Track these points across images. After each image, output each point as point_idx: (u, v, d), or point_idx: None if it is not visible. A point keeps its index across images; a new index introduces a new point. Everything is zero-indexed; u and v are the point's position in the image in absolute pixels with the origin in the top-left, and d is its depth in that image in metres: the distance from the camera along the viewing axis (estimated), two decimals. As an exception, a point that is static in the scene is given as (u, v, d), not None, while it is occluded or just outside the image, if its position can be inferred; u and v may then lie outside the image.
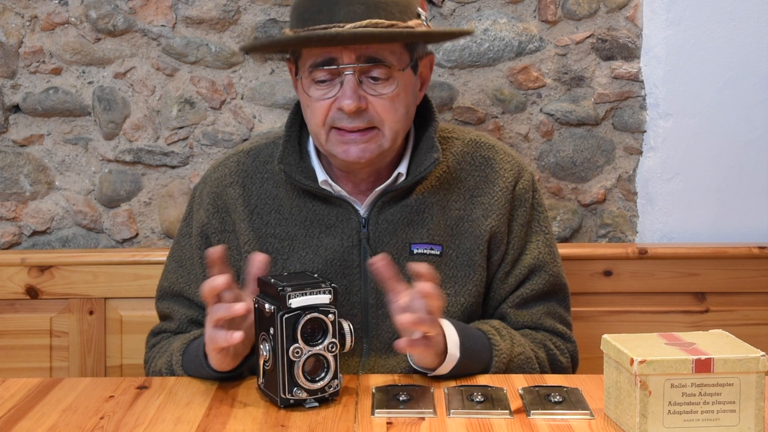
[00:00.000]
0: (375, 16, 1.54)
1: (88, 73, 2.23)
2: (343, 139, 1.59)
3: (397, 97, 1.59)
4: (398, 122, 1.61)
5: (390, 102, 1.59)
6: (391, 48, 1.58)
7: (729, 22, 2.20)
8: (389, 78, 1.58)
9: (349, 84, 1.56)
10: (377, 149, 1.61)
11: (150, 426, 1.37)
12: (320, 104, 1.59)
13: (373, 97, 1.58)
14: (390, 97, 1.59)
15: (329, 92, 1.58)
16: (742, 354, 1.27)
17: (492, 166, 1.73)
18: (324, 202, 1.68)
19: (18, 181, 2.26)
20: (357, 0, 1.54)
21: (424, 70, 1.69)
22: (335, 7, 1.54)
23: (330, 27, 1.53)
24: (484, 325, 1.64)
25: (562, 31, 2.24)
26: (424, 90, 1.71)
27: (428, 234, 1.68)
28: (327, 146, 1.62)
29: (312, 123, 1.62)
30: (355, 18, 1.53)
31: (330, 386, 1.42)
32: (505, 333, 1.63)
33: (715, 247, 2.19)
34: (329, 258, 1.66)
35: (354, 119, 1.57)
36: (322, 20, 1.54)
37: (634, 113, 2.27)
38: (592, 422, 1.36)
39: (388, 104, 1.59)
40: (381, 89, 1.58)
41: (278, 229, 1.69)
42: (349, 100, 1.55)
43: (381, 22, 1.54)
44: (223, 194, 1.72)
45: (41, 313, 2.17)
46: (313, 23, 1.55)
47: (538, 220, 1.75)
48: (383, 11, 1.55)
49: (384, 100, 1.58)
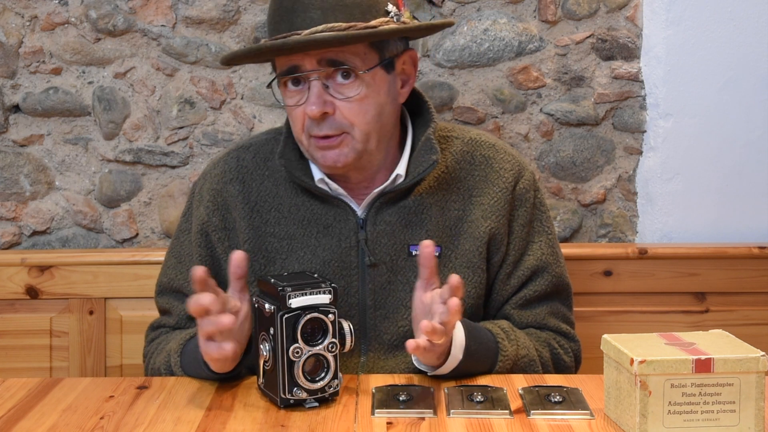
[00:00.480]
0: (332, 20, 1.54)
1: (88, 73, 2.23)
2: (318, 145, 1.60)
3: (366, 98, 1.58)
4: (368, 124, 1.59)
5: (358, 104, 1.58)
6: (353, 50, 1.57)
7: (729, 22, 2.20)
8: (356, 78, 1.57)
9: (314, 90, 1.56)
10: (351, 153, 1.60)
11: (150, 426, 1.37)
12: (296, 112, 1.60)
13: (340, 101, 1.57)
14: (357, 99, 1.57)
15: (301, 98, 1.59)
16: (742, 354, 1.27)
17: (492, 165, 1.72)
18: (322, 202, 1.68)
19: (18, 181, 2.26)
20: (313, 6, 1.54)
21: (405, 67, 1.66)
22: (293, 15, 1.55)
23: (290, 35, 1.54)
24: (493, 327, 1.63)
25: (562, 31, 2.24)
26: (408, 87, 1.68)
27: (427, 235, 1.67)
28: (309, 152, 1.64)
29: (294, 130, 1.64)
30: (312, 24, 1.54)
31: (330, 386, 1.42)
32: (513, 336, 1.62)
33: (715, 247, 2.19)
34: (327, 258, 1.66)
35: (321, 125, 1.57)
36: (283, 29, 1.56)
37: (634, 113, 2.27)
38: (592, 422, 1.36)
39: (356, 107, 1.58)
40: (347, 92, 1.57)
41: (277, 228, 1.69)
42: (313, 106, 1.55)
43: (338, 25, 1.53)
44: (223, 191, 1.72)
45: (41, 313, 2.17)
46: (277, 33, 1.57)
47: (540, 219, 1.74)
48: (341, 13, 1.54)
49: (351, 103, 1.57)
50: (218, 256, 1.71)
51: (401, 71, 1.66)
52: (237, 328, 1.44)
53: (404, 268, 1.66)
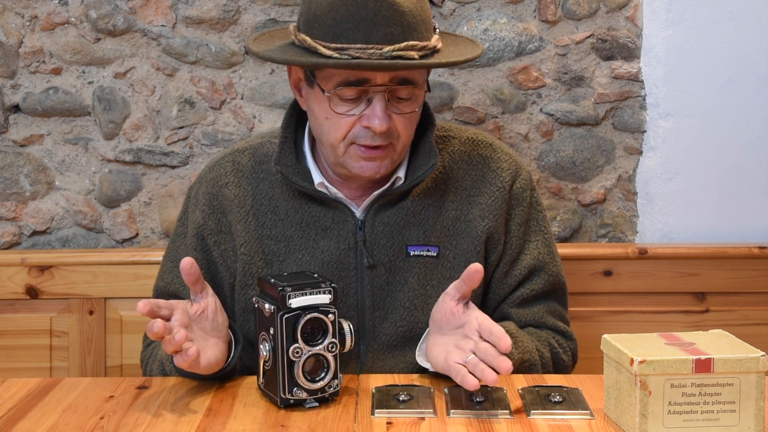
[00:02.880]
0: (410, 38, 1.53)
1: (88, 73, 2.23)
2: (363, 155, 1.59)
3: (415, 114, 1.61)
4: (410, 137, 1.63)
5: (409, 119, 1.60)
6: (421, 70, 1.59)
7: (729, 22, 2.20)
8: (414, 96, 1.59)
9: (380, 104, 1.55)
10: (390, 164, 1.62)
11: (150, 426, 1.37)
12: (344, 120, 1.57)
13: (396, 116, 1.58)
14: (411, 116, 1.60)
15: (354, 109, 1.57)
16: (742, 354, 1.27)
17: (489, 165, 1.73)
18: (320, 204, 1.67)
19: (18, 181, 2.26)
20: (394, 21, 1.51)
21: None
22: (372, 27, 1.50)
23: (367, 48, 1.50)
24: None
25: (562, 31, 2.24)
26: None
27: (425, 235, 1.67)
28: (343, 159, 1.61)
29: (330, 137, 1.60)
30: (392, 40, 1.51)
31: (330, 386, 1.43)
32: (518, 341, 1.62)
33: (715, 247, 2.19)
34: (326, 260, 1.66)
35: (376, 137, 1.57)
36: (358, 39, 1.51)
37: (634, 113, 2.27)
38: (592, 422, 1.36)
39: (407, 122, 1.60)
40: (405, 108, 1.58)
41: (274, 231, 1.68)
42: (381, 122, 1.54)
43: (415, 44, 1.53)
44: (219, 195, 1.72)
45: (41, 313, 2.17)
46: (347, 41, 1.51)
47: (537, 219, 1.75)
48: (416, 32, 1.54)
49: (405, 118, 1.59)
50: (214, 259, 1.71)
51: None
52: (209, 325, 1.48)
53: (402, 268, 1.66)
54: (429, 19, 1.59)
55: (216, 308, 1.49)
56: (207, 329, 1.48)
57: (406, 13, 1.52)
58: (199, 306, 1.47)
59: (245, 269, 1.68)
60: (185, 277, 1.45)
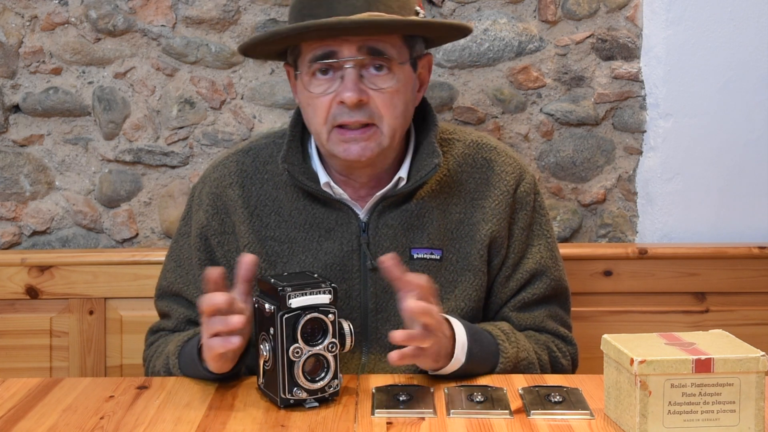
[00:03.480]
0: (374, 9, 1.54)
1: (88, 73, 2.23)
2: (344, 137, 1.59)
3: (397, 92, 1.59)
4: (396, 119, 1.60)
5: (390, 97, 1.58)
6: (392, 41, 1.58)
7: (729, 22, 2.20)
8: (390, 71, 1.58)
9: (350, 77, 1.55)
10: (377, 147, 1.60)
11: (150, 426, 1.37)
12: (321, 101, 1.58)
13: (373, 91, 1.57)
14: (390, 91, 1.58)
15: (330, 87, 1.58)
16: (742, 354, 1.27)
17: (493, 168, 1.72)
18: (324, 206, 1.67)
19: (18, 181, 2.26)
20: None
21: (423, 71, 1.69)
22: (334, 1, 1.54)
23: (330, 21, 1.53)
24: (494, 329, 1.63)
25: (562, 31, 2.24)
26: (422, 92, 1.70)
27: (428, 238, 1.67)
28: (328, 145, 1.61)
29: (314, 122, 1.61)
30: (354, 11, 1.53)
31: (330, 386, 1.42)
32: (513, 338, 1.63)
33: (715, 247, 2.19)
34: (329, 262, 1.66)
35: (354, 113, 1.56)
36: (321, 14, 1.54)
37: (634, 113, 2.27)
38: (592, 422, 1.36)
39: (387, 99, 1.58)
40: (381, 83, 1.58)
41: (278, 232, 1.68)
42: (351, 92, 1.54)
43: (381, 15, 1.54)
44: (222, 195, 1.72)
45: (41, 313, 2.17)
46: (312, 18, 1.54)
47: (540, 223, 1.75)
48: (383, 5, 1.55)
49: (384, 95, 1.58)
50: (217, 259, 1.70)
51: (419, 74, 1.68)
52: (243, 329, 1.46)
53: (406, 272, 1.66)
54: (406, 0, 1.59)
55: (249, 318, 1.47)
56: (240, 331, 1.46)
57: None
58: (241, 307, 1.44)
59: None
60: (243, 272, 1.43)
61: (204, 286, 1.44)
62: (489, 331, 1.62)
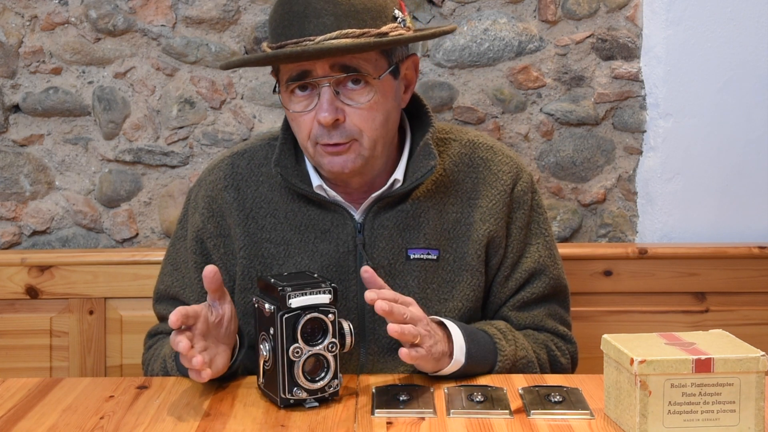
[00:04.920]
0: (345, 26, 1.52)
1: (88, 73, 2.23)
2: (326, 151, 1.58)
3: (375, 105, 1.57)
4: (376, 131, 1.59)
5: (367, 111, 1.57)
6: (366, 56, 1.56)
7: (729, 22, 2.20)
8: (367, 84, 1.56)
9: (326, 96, 1.54)
10: (359, 159, 1.59)
11: (150, 426, 1.37)
12: (303, 119, 1.58)
13: (350, 108, 1.56)
14: (368, 106, 1.56)
15: (310, 104, 1.57)
16: (742, 354, 1.27)
17: (490, 167, 1.71)
18: (319, 207, 1.67)
19: (18, 181, 2.26)
20: (326, 11, 1.52)
21: (408, 72, 1.66)
22: (305, 20, 1.53)
23: (301, 41, 1.52)
24: (490, 328, 1.64)
25: (562, 31, 2.24)
26: (409, 92, 1.68)
27: (425, 239, 1.67)
28: (315, 158, 1.62)
29: (300, 136, 1.62)
30: (325, 30, 1.52)
31: (330, 386, 1.42)
32: (510, 337, 1.63)
33: (715, 247, 2.19)
34: (325, 263, 1.65)
35: (332, 133, 1.56)
36: (293, 35, 1.53)
37: (634, 113, 2.27)
38: (592, 422, 1.36)
39: (365, 114, 1.57)
40: (358, 97, 1.56)
41: (273, 234, 1.68)
42: (326, 113, 1.54)
43: (352, 32, 1.52)
44: (218, 198, 1.71)
45: (41, 313, 2.17)
46: (286, 38, 1.54)
47: (538, 222, 1.74)
48: (354, 19, 1.53)
49: (361, 110, 1.56)
50: (214, 262, 1.70)
51: (404, 76, 1.65)
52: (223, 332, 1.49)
53: (402, 272, 1.66)
54: (379, 7, 1.57)
55: (231, 316, 1.49)
56: (220, 336, 1.48)
57: (341, 3, 1.52)
58: (218, 314, 1.47)
59: (244, 272, 1.68)
60: (207, 284, 1.45)
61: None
62: (485, 330, 1.62)
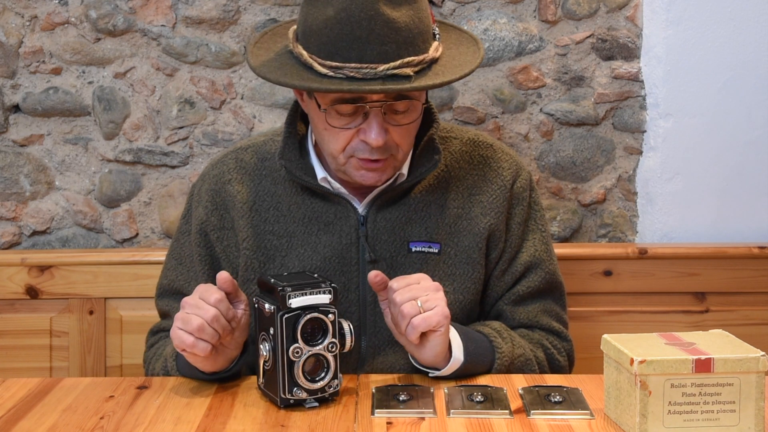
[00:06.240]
0: (405, 54, 1.50)
1: (88, 73, 2.23)
2: (362, 165, 1.59)
3: (415, 123, 1.60)
4: (410, 145, 1.62)
5: (408, 130, 1.59)
6: None
7: (729, 22, 2.20)
8: (410, 108, 1.57)
9: (377, 119, 1.54)
10: (391, 171, 1.62)
11: (150, 426, 1.37)
12: (342, 133, 1.56)
13: (393, 127, 1.57)
14: (411, 126, 1.59)
15: (352, 122, 1.55)
16: (742, 354, 1.27)
17: (490, 165, 1.74)
18: (323, 200, 1.68)
19: (18, 181, 2.26)
20: (389, 39, 1.49)
21: None
22: (367, 46, 1.49)
23: (362, 67, 1.49)
24: (485, 328, 1.64)
25: (562, 31, 2.24)
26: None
27: (427, 232, 1.68)
28: (344, 168, 1.61)
29: (329, 147, 1.60)
30: (387, 58, 1.49)
31: (330, 386, 1.43)
32: (506, 335, 1.63)
33: (715, 247, 2.19)
34: (328, 255, 1.66)
35: (374, 151, 1.56)
36: (352, 58, 1.49)
37: (634, 113, 2.27)
38: (592, 422, 1.36)
39: (405, 131, 1.59)
40: (402, 120, 1.57)
41: (276, 227, 1.69)
42: (377, 136, 1.53)
43: (411, 60, 1.51)
44: (221, 191, 1.72)
45: (41, 313, 2.17)
46: (343, 59, 1.50)
47: (535, 218, 1.76)
48: (412, 46, 1.51)
49: (403, 129, 1.58)
50: (217, 255, 1.71)
51: None
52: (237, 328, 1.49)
53: (404, 264, 1.67)
54: (427, 29, 1.56)
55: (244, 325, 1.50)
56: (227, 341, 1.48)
57: (402, 29, 1.50)
58: (235, 315, 1.48)
59: (247, 264, 1.68)
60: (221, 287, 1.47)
61: None
62: (480, 330, 1.63)
